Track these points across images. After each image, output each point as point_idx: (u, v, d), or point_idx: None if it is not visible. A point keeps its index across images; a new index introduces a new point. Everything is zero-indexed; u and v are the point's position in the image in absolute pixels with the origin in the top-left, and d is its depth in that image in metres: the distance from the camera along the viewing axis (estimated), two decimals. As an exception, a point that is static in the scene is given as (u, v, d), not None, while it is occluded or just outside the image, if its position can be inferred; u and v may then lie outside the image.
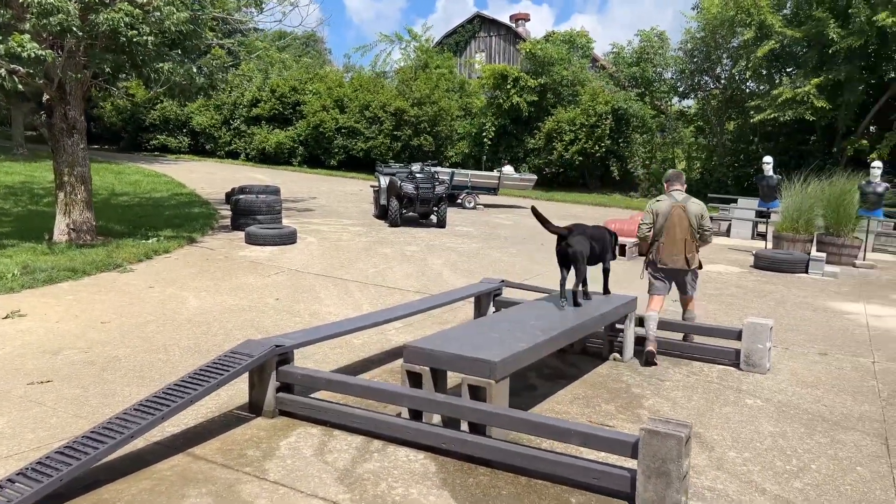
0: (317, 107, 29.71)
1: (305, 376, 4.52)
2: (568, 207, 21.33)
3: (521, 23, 41.07)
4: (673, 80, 26.34)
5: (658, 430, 3.39)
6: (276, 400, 4.53)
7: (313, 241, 12.03)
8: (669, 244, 6.31)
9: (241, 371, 4.25)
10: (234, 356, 4.37)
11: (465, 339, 4.56)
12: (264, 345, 4.48)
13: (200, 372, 4.21)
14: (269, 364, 4.47)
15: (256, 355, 4.35)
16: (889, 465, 4.15)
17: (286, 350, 4.57)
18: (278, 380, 4.54)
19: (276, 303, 7.76)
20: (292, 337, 4.81)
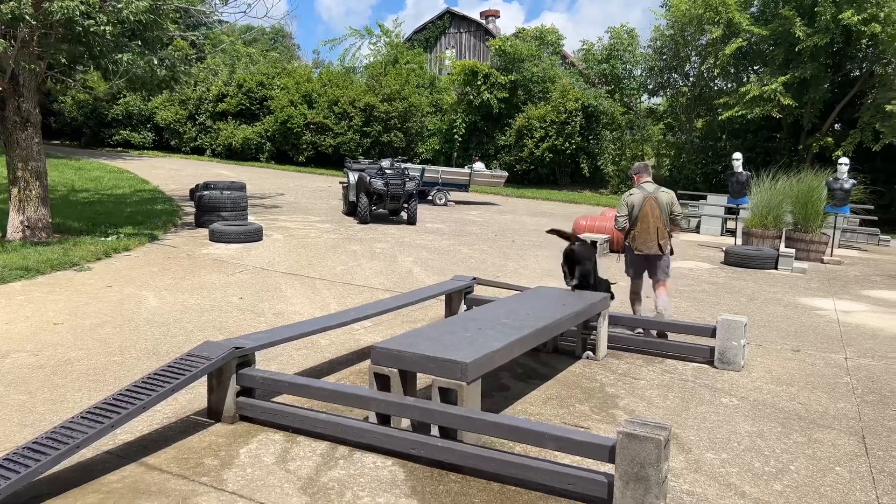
0: (284, 102, 29.28)
1: (266, 380, 4.30)
2: (539, 204, 21.28)
3: (492, 19, 41.01)
4: (642, 77, 26.44)
5: (636, 434, 3.25)
6: (236, 405, 4.31)
7: (280, 239, 11.75)
8: (643, 232, 6.65)
9: (197, 375, 4.03)
10: (191, 359, 4.14)
11: (435, 339, 4.38)
12: (223, 347, 4.26)
13: (155, 376, 3.97)
14: (228, 367, 4.24)
15: (215, 358, 4.12)
16: (868, 464, 4.07)
17: (247, 352, 4.35)
18: (238, 383, 4.32)
19: (239, 302, 7.50)
20: (253, 338, 4.59)
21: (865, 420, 4.78)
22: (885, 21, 18.14)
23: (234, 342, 4.39)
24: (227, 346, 4.26)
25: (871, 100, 19.42)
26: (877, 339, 7.09)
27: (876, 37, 18.72)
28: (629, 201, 6.75)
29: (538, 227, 15.37)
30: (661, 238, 6.61)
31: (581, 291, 6.14)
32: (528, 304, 5.59)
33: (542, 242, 12.96)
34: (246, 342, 4.43)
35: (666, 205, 6.65)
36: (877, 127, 18.72)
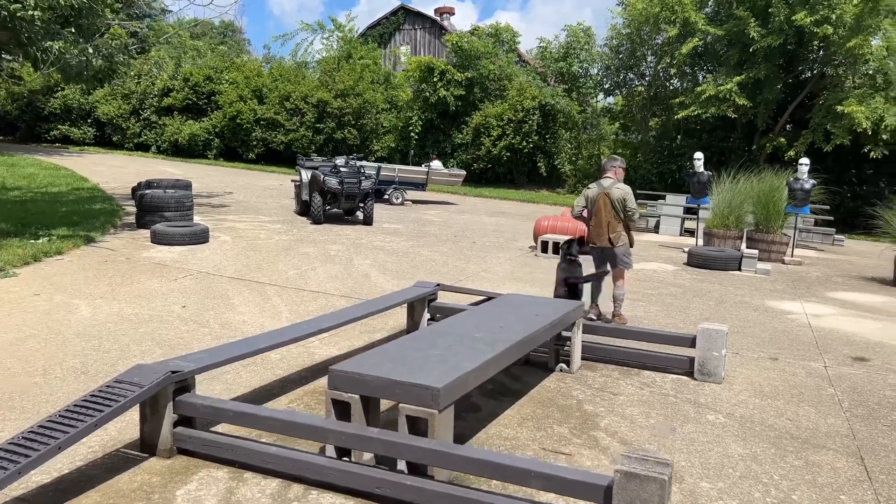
0: (234, 97, 28.31)
1: (208, 407, 3.76)
2: (497, 203, 20.96)
3: (446, 16, 40.59)
4: (599, 76, 26.37)
5: (636, 472, 2.84)
6: (173, 436, 3.76)
7: (227, 240, 11.08)
8: (596, 226, 7.05)
9: (126, 406, 3.47)
10: (119, 386, 3.57)
11: (400, 359, 3.91)
12: (157, 371, 3.70)
13: (75, 408, 3.40)
14: (163, 394, 3.69)
15: (147, 385, 3.57)
16: (873, 491, 3.76)
17: (185, 376, 3.81)
18: (176, 412, 3.77)
19: (182, 311, 6.88)
20: (193, 359, 4.04)
21: (860, 438, 4.49)
22: (837, 23, 18.32)
23: (171, 364, 3.84)
24: (161, 371, 3.71)
25: (823, 101, 19.62)
26: (852, 346, 6.89)
27: (827, 38, 18.91)
28: (586, 193, 7.20)
29: (498, 228, 15.02)
30: (611, 232, 6.94)
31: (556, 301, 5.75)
32: (500, 314, 5.16)
33: (503, 244, 12.60)
34: (184, 364, 3.88)
35: (617, 200, 6.87)
36: (828, 128, 18.91)
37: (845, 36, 18.42)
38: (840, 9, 18.06)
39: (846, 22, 18.26)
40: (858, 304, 9.14)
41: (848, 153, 19.64)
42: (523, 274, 9.78)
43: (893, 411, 5.04)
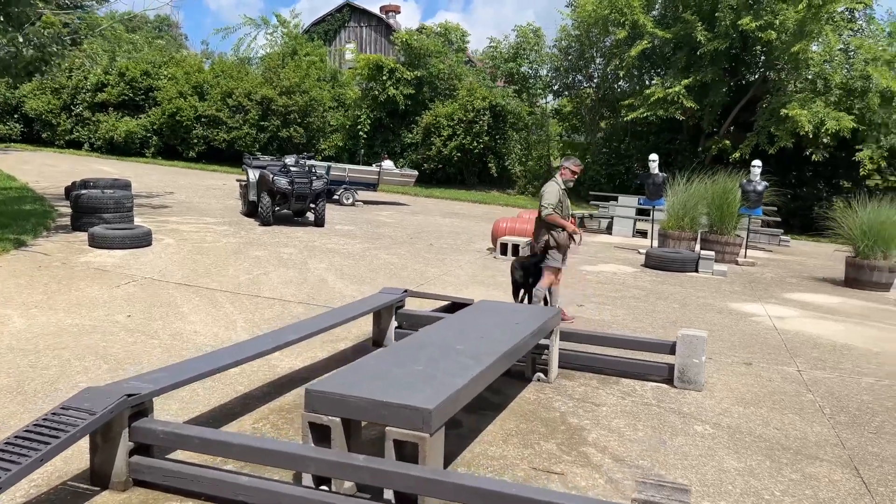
0: (173, 93, 27.26)
1: (170, 434, 3.36)
2: (449, 204, 20.73)
3: (392, 14, 40.22)
4: (548, 77, 26.42)
5: (653, 501, 2.61)
6: (128, 466, 3.36)
7: (172, 244, 10.49)
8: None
9: (76, 436, 3.05)
10: (67, 414, 3.16)
11: (382, 376, 3.59)
12: (111, 395, 3.29)
13: (16, 441, 2.97)
14: (118, 420, 3.28)
15: (100, 411, 3.16)
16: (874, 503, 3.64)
17: (142, 399, 3.40)
18: (132, 439, 3.37)
19: (127, 321, 6.37)
20: (150, 379, 3.63)
21: (850, 447, 4.39)
22: (780, 28, 18.75)
23: (126, 387, 3.43)
24: (115, 394, 3.30)
25: (767, 104, 20.07)
26: (820, 349, 6.88)
27: (770, 43, 19.33)
28: None
29: (454, 229, 14.77)
30: (535, 230, 7.14)
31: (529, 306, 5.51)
32: (478, 324, 4.88)
33: (461, 245, 12.35)
34: (140, 385, 3.48)
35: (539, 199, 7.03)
36: (772, 131, 19.34)
37: (788, 41, 18.87)
38: (783, 14, 18.48)
39: (789, 27, 18.70)
40: (817, 305, 9.23)
41: (790, 156, 20.13)
42: (485, 277, 9.55)
43: (875, 417, 4.98)
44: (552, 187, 6.91)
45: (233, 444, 3.28)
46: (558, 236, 6.90)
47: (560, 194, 6.88)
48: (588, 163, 24.44)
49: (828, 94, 19.07)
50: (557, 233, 6.89)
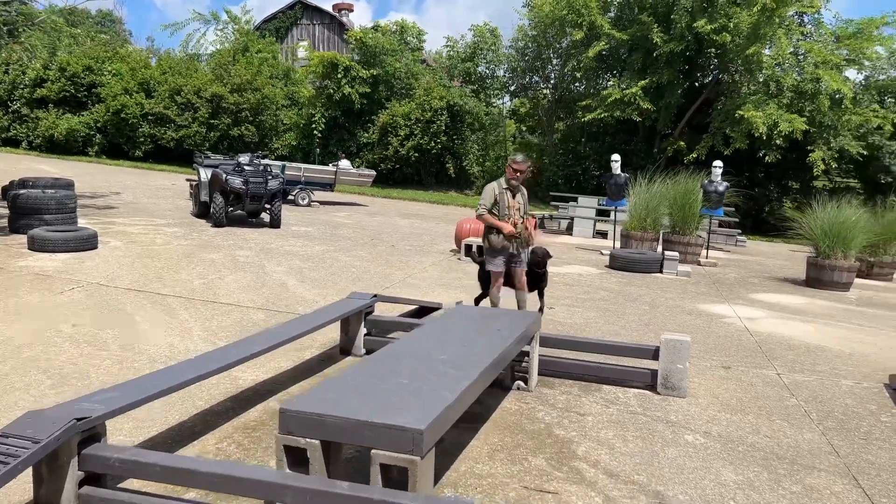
0: (118, 90, 26.22)
1: (128, 462, 2.98)
2: (407, 205, 20.41)
3: (345, 12, 39.69)
4: (505, 77, 26.33)
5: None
6: (78, 499, 2.97)
7: (119, 246, 9.92)
8: None
9: (17, 469, 2.66)
10: (7, 443, 2.76)
11: (364, 392, 3.28)
12: (58, 419, 2.91)
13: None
14: (66, 448, 2.90)
15: (45, 439, 2.78)
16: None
17: (94, 423, 3.02)
18: (83, 468, 2.98)
19: (73, 331, 5.89)
20: (103, 399, 3.24)
21: (843, 455, 4.26)
22: (734, 31, 19.00)
23: (74, 409, 3.04)
24: (63, 419, 2.91)
25: (722, 106, 20.33)
26: (794, 350, 6.81)
27: (724, 46, 19.59)
28: None
29: (414, 230, 14.46)
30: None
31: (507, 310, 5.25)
32: (459, 331, 4.61)
33: (423, 247, 12.05)
34: (91, 407, 3.09)
35: None
36: (727, 132, 19.60)
37: (742, 44, 19.14)
38: (737, 17, 18.73)
39: (742, 31, 18.97)
40: (783, 305, 9.24)
41: (743, 157, 20.44)
42: (451, 279, 9.28)
43: (862, 422, 4.88)
44: (488, 187, 6.55)
45: (199, 472, 2.92)
46: (492, 238, 6.48)
47: (497, 194, 6.43)
48: (545, 164, 24.46)
49: (780, 97, 19.41)
50: (494, 235, 6.45)
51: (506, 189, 6.44)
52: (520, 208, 6.49)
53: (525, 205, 6.57)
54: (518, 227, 6.43)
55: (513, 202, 6.45)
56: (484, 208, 6.44)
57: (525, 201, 6.59)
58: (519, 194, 6.52)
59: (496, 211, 6.42)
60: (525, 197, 6.60)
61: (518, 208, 6.47)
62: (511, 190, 6.45)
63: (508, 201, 6.42)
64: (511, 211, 6.43)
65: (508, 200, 6.42)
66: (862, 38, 20.46)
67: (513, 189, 6.46)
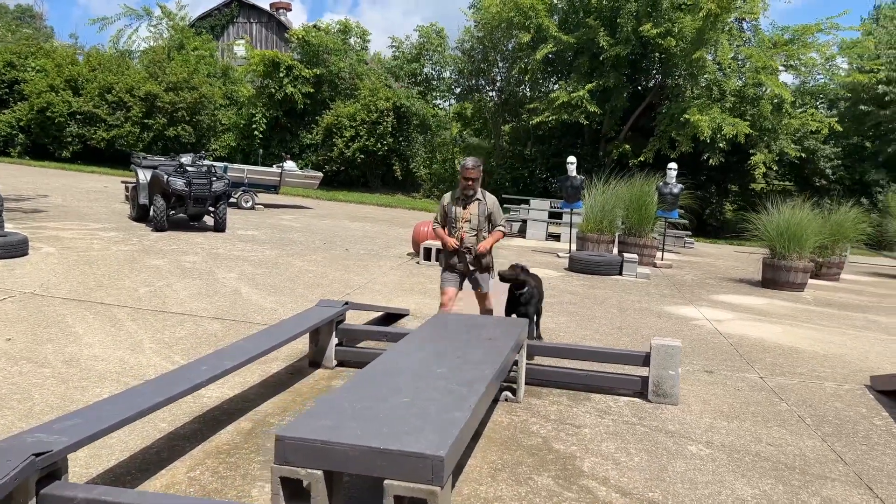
0: (42, 87, 24.76)
1: (94, 501, 2.54)
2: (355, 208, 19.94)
3: (283, 12, 38.86)
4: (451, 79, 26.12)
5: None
6: (33, 551, 2.51)
7: (53, 252, 9.19)
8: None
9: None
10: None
11: (365, 415, 2.92)
12: (13, 455, 2.46)
13: None
14: (22, 489, 2.45)
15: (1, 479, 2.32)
16: (912, 531, 3.34)
17: (55, 458, 2.58)
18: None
19: (7, 346, 5.29)
20: (63, 428, 2.78)
21: (850, 462, 4.12)
22: (678, 36, 19.30)
23: (30, 442, 2.58)
24: (19, 454, 2.47)
25: (667, 110, 20.62)
26: (770, 353, 6.75)
27: (668, 50, 19.88)
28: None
29: (367, 234, 14.05)
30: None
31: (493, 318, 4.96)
32: (450, 341, 4.28)
33: (379, 251, 11.66)
34: (50, 440, 2.64)
35: None
36: (673, 135, 19.88)
37: (686, 49, 19.44)
38: (681, 22, 19.02)
39: (686, 35, 19.27)
40: (746, 306, 9.25)
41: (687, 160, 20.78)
42: (413, 284, 8.94)
43: (857, 426, 4.79)
44: (442, 198, 6.01)
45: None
46: (442, 254, 6.05)
47: (446, 205, 5.86)
48: (493, 167, 24.35)
49: (723, 101, 19.81)
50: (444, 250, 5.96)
51: (458, 199, 5.81)
52: (471, 220, 5.75)
53: (482, 217, 5.78)
54: (465, 241, 5.77)
55: (464, 213, 5.76)
56: (435, 222, 6.01)
57: (484, 213, 5.79)
58: (475, 205, 5.78)
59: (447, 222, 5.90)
60: (487, 208, 5.80)
61: (469, 220, 5.75)
62: (464, 200, 5.77)
63: (458, 213, 5.78)
64: (460, 224, 5.78)
65: (458, 212, 5.78)
66: (799, 45, 21.11)
67: (466, 199, 5.77)
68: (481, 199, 5.79)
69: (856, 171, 23.99)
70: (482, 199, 5.80)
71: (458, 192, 5.81)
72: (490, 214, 5.80)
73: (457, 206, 5.80)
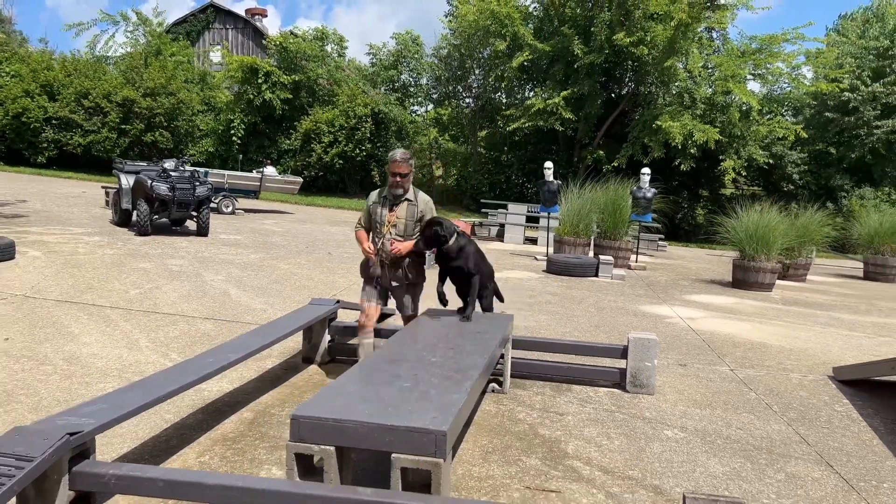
0: (17, 92, 24.59)
1: (126, 478, 2.75)
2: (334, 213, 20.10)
3: (259, 18, 38.93)
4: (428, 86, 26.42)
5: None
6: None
7: (39, 256, 9.28)
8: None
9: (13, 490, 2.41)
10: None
11: (372, 398, 3.17)
12: (49, 435, 2.66)
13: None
14: (57, 466, 2.66)
15: (39, 456, 2.53)
16: (865, 501, 3.66)
17: (86, 438, 2.80)
18: (73, 487, 2.74)
19: (7, 345, 5.44)
20: (89, 413, 2.99)
21: (813, 443, 4.46)
22: (650, 45, 19.81)
23: (65, 423, 2.80)
24: (54, 434, 2.67)
25: (640, 116, 21.12)
26: (739, 348, 7.10)
27: (641, 58, 20.39)
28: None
29: (348, 238, 14.24)
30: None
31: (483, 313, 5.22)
32: (442, 334, 4.54)
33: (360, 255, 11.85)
34: (81, 422, 2.85)
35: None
36: (645, 141, 20.37)
37: (658, 57, 19.96)
38: (653, 31, 19.54)
39: (658, 44, 19.80)
40: (717, 306, 9.64)
41: (660, 165, 21.30)
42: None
43: (820, 412, 5.13)
44: (368, 196, 5.03)
45: (209, 486, 2.73)
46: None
47: (370, 205, 4.93)
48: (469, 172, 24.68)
49: (694, 108, 20.37)
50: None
51: (385, 198, 4.86)
52: (398, 224, 4.82)
53: (412, 220, 4.84)
54: (385, 248, 4.84)
55: (390, 216, 4.81)
56: (359, 224, 5.03)
57: (414, 216, 4.83)
58: (404, 206, 4.82)
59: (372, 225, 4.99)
60: (419, 210, 4.84)
61: (395, 224, 4.82)
62: (391, 200, 4.84)
63: (383, 215, 4.83)
64: (384, 228, 4.83)
65: (383, 214, 4.83)
66: (766, 54, 21.77)
67: (394, 199, 4.82)
68: (412, 199, 4.84)
69: (821, 177, 24.74)
70: (413, 199, 4.84)
71: (386, 191, 4.87)
72: (422, 218, 4.84)
73: (383, 207, 4.85)
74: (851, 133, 24.10)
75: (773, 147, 22.91)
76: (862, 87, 23.47)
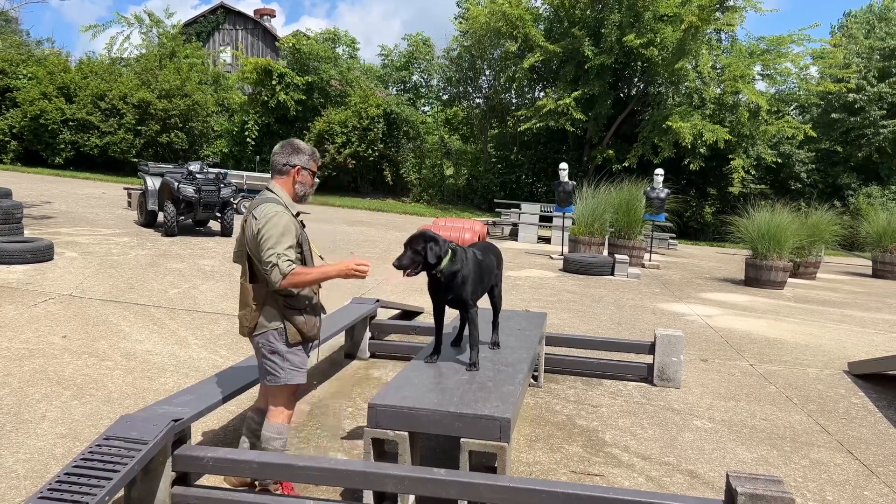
0: (35, 94, 24.93)
1: (222, 460, 3.07)
2: (348, 213, 20.40)
3: (268, 18, 39.23)
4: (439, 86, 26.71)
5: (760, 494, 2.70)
6: (171, 499, 3.05)
7: (76, 257, 9.60)
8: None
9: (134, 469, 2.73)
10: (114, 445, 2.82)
11: (436, 389, 3.48)
12: (156, 421, 2.98)
13: (69, 480, 2.61)
14: (165, 450, 2.98)
15: (152, 440, 2.85)
16: (885, 484, 3.96)
17: (185, 425, 3.12)
18: (175, 469, 3.06)
19: (66, 343, 5.77)
20: (183, 402, 3.31)
21: (833, 433, 4.75)
22: (660, 46, 20.07)
23: (163, 411, 3.11)
24: (160, 420, 2.99)
25: (650, 117, 21.38)
26: (757, 344, 7.40)
27: (651, 60, 20.65)
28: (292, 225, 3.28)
29: (366, 238, 14.56)
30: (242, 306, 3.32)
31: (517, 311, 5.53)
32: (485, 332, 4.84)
33: (382, 254, 12.18)
34: (179, 410, 3.17)
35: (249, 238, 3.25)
36: (655, 141, 20.63)
37: (668, 58, 20.22)
38: (662, 33, 19.80)
39: (668, 45, 20.05)
40: (732, 303, 9.92)
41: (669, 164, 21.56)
42: (421, 285, 9.40)
43: (838, 404, 5.43)
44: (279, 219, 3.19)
45: (297, 467, 3.04)
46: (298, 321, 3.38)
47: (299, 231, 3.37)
48: (481, 172, 24.96)
49: (703, 108, 20.62)
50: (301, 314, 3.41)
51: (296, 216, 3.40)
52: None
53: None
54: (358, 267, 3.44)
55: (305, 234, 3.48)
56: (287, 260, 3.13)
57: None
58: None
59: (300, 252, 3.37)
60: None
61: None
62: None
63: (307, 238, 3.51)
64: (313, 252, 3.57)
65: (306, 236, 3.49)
66: (774, 55, 22.03)
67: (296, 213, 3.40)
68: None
69: (829, 175, 24.97)
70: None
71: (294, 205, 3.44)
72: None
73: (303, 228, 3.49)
74: (858, 132, 24.32)
75: (781, 146, 23.17)
76: (868, 88, 23.71)
